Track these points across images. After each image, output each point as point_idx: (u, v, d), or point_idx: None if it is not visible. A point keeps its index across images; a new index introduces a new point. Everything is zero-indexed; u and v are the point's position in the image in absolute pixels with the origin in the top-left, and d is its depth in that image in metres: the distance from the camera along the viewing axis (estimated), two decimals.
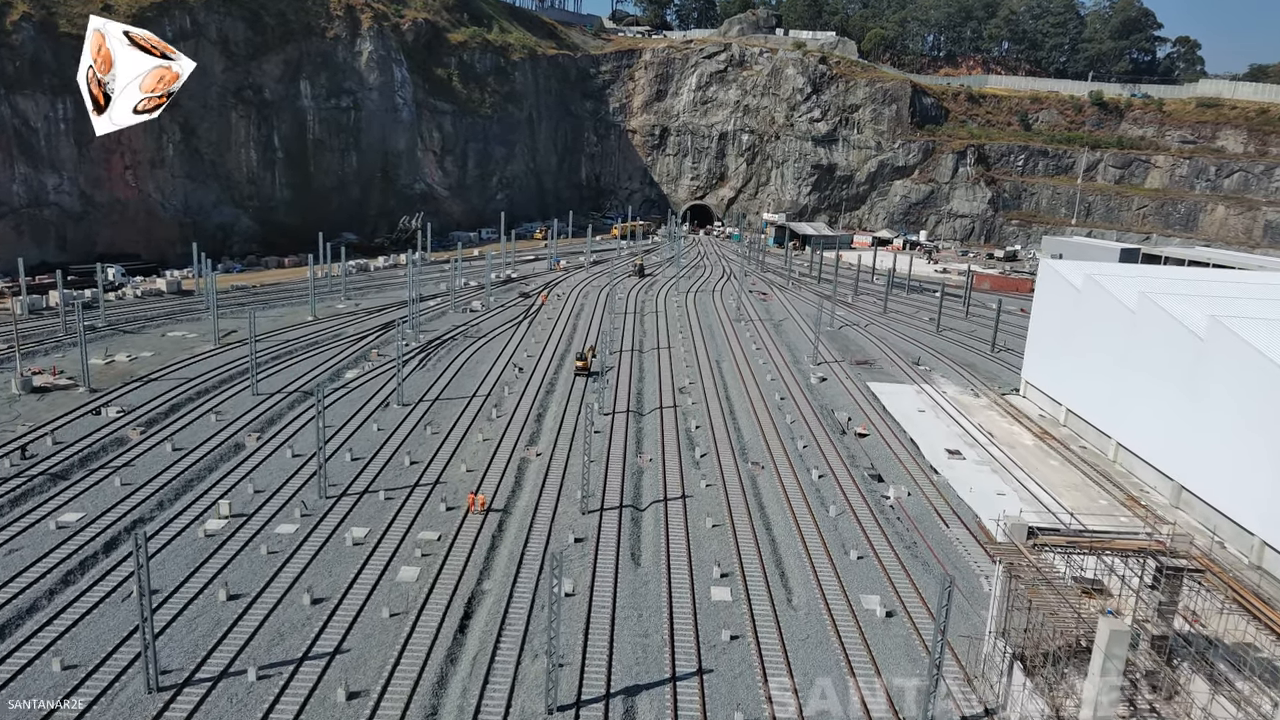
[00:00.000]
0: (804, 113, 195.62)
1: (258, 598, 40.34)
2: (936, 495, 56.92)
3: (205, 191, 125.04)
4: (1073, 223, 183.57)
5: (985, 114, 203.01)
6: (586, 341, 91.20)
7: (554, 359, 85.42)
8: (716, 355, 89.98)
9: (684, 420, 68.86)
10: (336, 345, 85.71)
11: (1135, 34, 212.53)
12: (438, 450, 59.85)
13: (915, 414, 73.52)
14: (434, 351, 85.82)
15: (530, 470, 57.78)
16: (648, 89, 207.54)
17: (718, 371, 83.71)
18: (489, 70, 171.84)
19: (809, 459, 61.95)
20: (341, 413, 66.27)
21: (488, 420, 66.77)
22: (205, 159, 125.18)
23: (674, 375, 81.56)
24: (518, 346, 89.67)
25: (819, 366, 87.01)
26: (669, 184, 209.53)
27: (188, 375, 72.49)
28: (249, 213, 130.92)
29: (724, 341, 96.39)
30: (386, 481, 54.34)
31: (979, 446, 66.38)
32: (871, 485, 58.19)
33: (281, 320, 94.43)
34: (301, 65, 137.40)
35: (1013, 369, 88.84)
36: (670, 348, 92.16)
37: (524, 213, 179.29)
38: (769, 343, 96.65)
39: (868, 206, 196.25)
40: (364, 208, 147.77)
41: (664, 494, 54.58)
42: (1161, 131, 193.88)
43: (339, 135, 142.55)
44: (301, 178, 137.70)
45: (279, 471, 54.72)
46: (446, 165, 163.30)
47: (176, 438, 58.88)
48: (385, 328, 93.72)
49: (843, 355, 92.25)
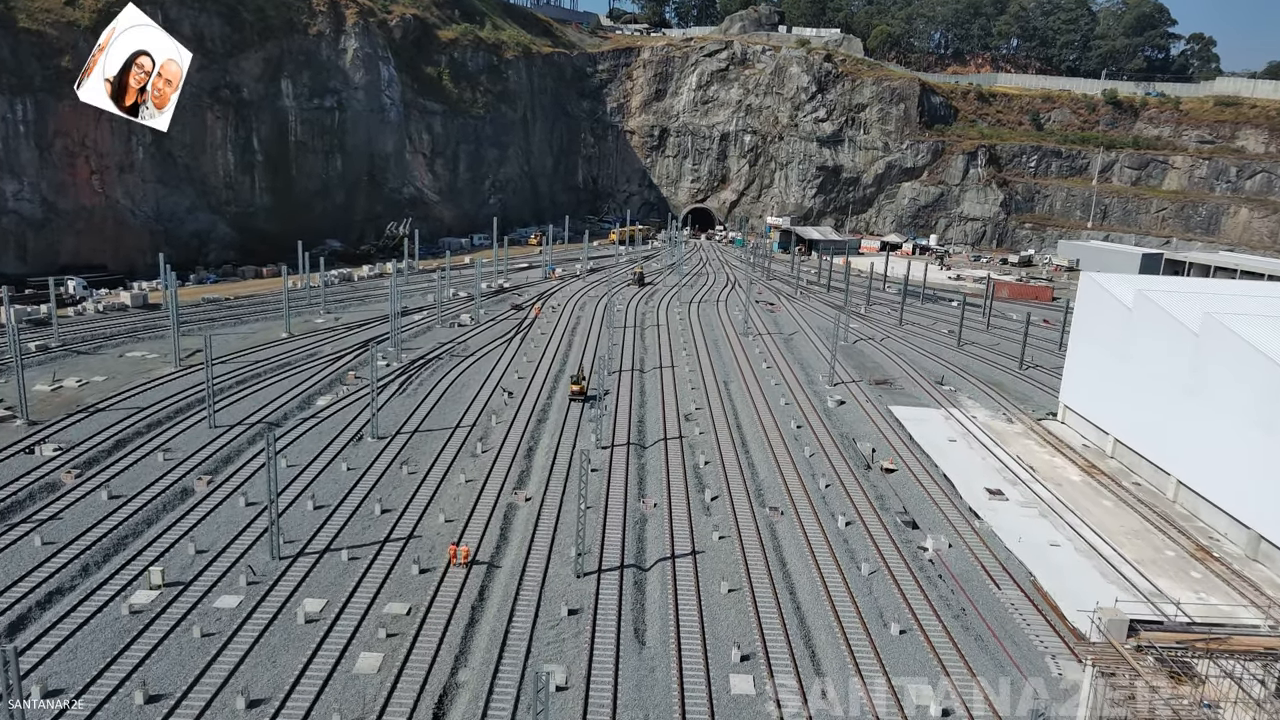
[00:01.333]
0: (808, 112, 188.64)
1: (182, 700, 33.32)
2: (980, 546, 49.97)
3: (178, 197, 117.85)
4: (1088, 226, 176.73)
5: (995, 113, 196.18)
6: (583, 360, 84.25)
7: (547, 380, 78.39)
8: (724, 375, 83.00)
9: (691, 454, 61.87)
10: (310, 366, 78.63)
11: (1149, 30, 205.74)
12: (414, 494, 52.86)
13: (945, 444, 66.58)
14: (416, 373, 78.75)
15: (518, 519, 50.78)
16: (646, 88, 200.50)
17: (726, 394, 76.72)
18: (481, 69, 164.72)
19: (833, 501, 55.01)
20: (308, 448, 59.27)
21: (471, 456, 59.76)
22: (178, 162, 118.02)
23: (679, 399, 74.56)
24: (508, 366, 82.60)
25: (836, 387, 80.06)
26: (669, 186, 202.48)
27: (140, 404, 65.40)
28: (226, 219, 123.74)
29: (731, 359, 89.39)
30: (352, 536, 47.32)
31: (1021, 484, 59.42)
32: (905, 534, 51.27)
33: (252, 338, 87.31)
34: (282, 63, 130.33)
35: (1045, 389, 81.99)
36: (674, 366, 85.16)
37: (518, 217, 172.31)
38: (780, 360, 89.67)
39: (875, 209, 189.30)
40: (349, 213, 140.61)
41: (671, 549, 47.59)
42: (1178, 131, 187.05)
43: (322, 137, 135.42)
44: (282, 182, 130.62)
45: (228, 525, 47.67)
46: (436, 168, 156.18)
47: (116, 482, 51.84)
48: (366, 345, 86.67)
49: (860, 373, 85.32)
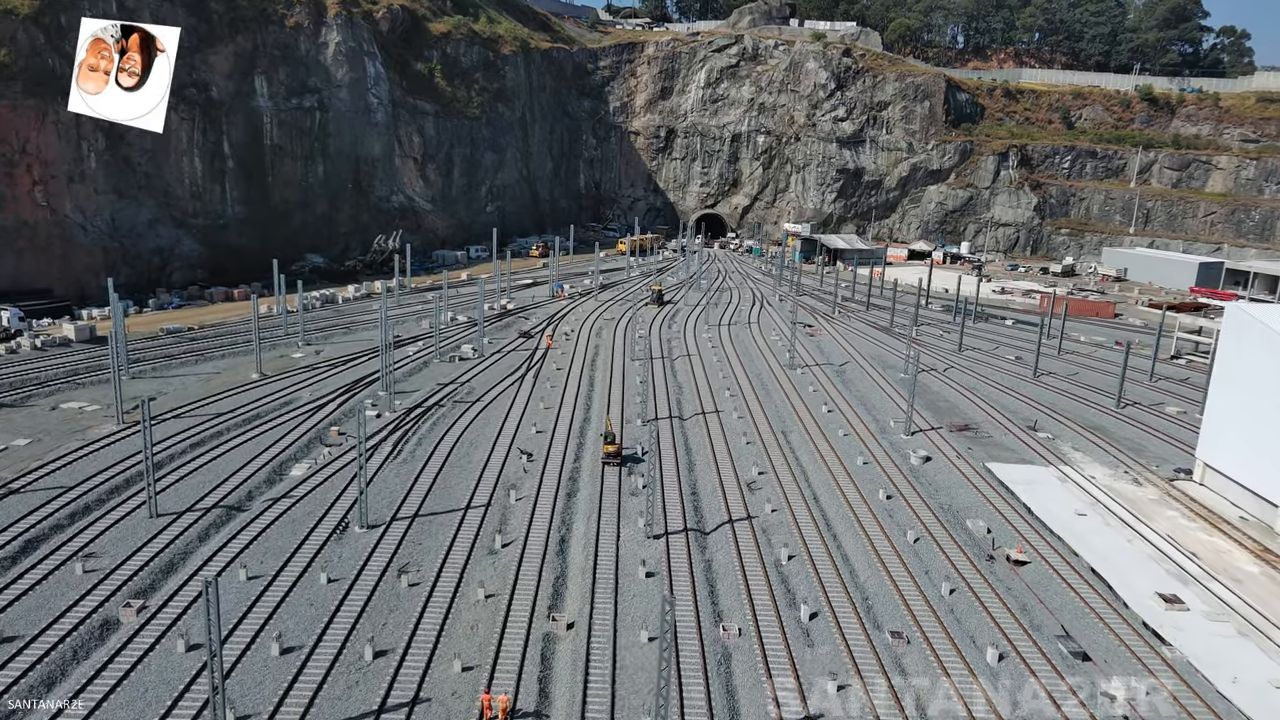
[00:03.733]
0: (827, 111, 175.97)
1: None
2: (1188, 694, 36.88)
3: (138, 209, 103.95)
4: (1130, 231, 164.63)
5: (1023, 111, 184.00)
6: (609, 406, 70.97)
7: (571, 435, 64.95)
8: (780, 422, 69.80)
9: (767, 544, 48.64)
10: (285, 420, 64.97)
11: (1184, 23, 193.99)
12: (418, 623, 39.43)
13: (1074, 520, 53.60)
14: (413, 427, 65.19)
15: (561, 658, 37.46)
16: (651, 86, 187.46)
17: (789, 450, 63.51)
18: (476, 65, 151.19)
19: (966, 618, 41.91)
20: (276, 545, 45.75)
21: (489, 554, 46.39)
22: (138, 170, 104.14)
23: (734, 459, 61.29)
24: (522, 415, 69.09)
25: (914, 436, 67.10)
26: (676, 191, 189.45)
27: (65, 481, 51.77)
28: (192, 234, 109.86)
29: (782, 399, 76.24)
30: (330, 707, 33.81)
31: (1194, 582, 46.44)
32: (1078, 669, 38.21)
33: (216, 381, 73.51)
34: (256, 59, 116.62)
35: (1157, 436, 69.29)
36: (718, 411, 71.93)
37: (517, 226, 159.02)
38: (839, 400, 76.59)
39: (898, 215, 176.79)
40: (332, 225, 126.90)
41: (778, 711, 34.41)
42: (1219, 129, 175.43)
43: (302, 140, 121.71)
44: (257, 191, 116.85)
45: (157, 689, 34.07)
46: (428, 173, 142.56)
47: (9, 614, 38.26)
48: (352, 389, 73.07)
49: (935, 417, 72.29)
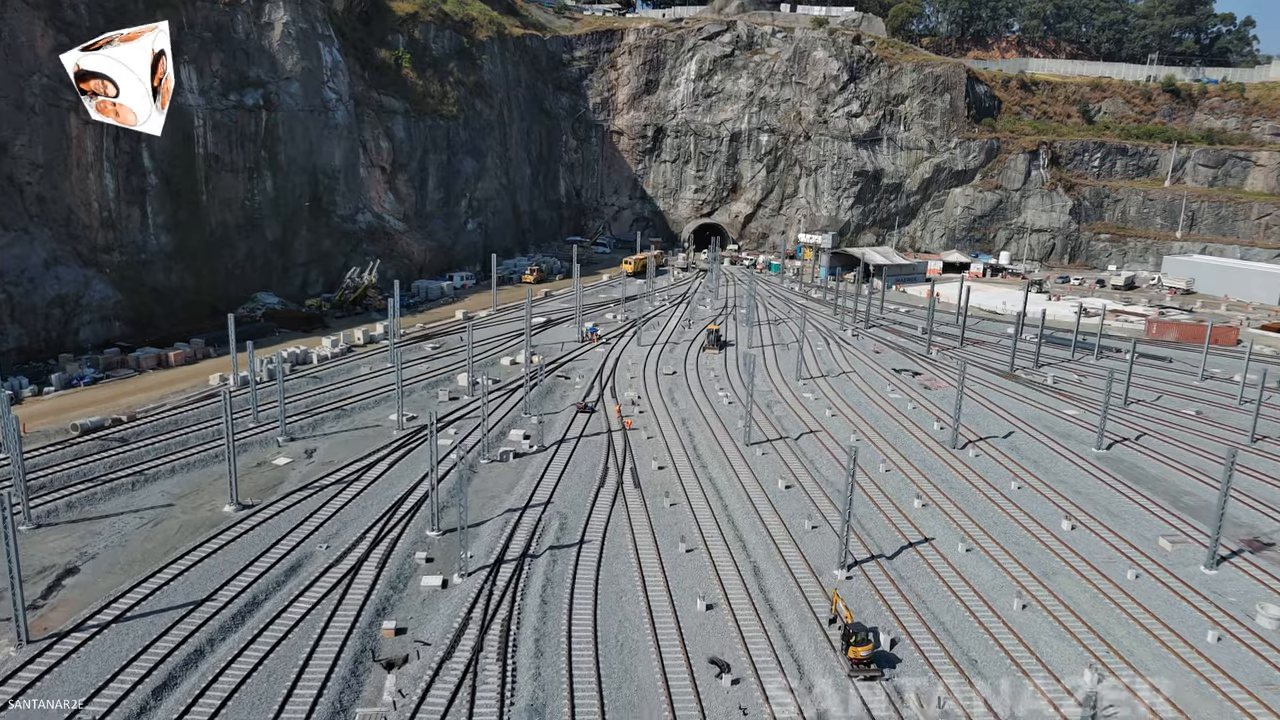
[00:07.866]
0: (839, 106, 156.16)
1: None
2: None
3: (28, 245, 76.36)
4: (1176, 235, 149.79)
5: (1040, 105, 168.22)
6: (776, 544, 48.56)
7: (762, 591, 42.18)
8: (1029, 557, 48.47)
9: None
10: (297, 608, 40.37)
11: (1200, 6, 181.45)
12: None
13: None
14: (511, 612, 41.25)
15: None
16: (634, 79, 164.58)
17: (1073, 609, 42.25)
18: (449, 53, 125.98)
19: None
20: None
21: None
22: (27, 192, 76.67)
23: (1002, 617, 39.65)
24: (662, 566, 45.98)
25: (1218, 569, 46.81)
26: (666, 198, 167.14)
27: None
28: (106, 274, 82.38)
29: (988, 507, 54.95)
30: None
31: None
32: None
33: (170, 525, 47.74)
34: (182, 44, 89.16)
35: None
36: (929, 539, 50.23)
37: (499, 244, 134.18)
38: (1059, 499, 55.73)
39: (920, 221, 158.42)
40: (287, 254, 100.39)
41: None
42: (1246, 122, 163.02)
43: (244, 147, 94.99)
44: (189, 213, 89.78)
45: None
46: (399, 186, 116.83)
47: None
48: (384, 527, 48.59)
49: (1194, 524, 52.18)
